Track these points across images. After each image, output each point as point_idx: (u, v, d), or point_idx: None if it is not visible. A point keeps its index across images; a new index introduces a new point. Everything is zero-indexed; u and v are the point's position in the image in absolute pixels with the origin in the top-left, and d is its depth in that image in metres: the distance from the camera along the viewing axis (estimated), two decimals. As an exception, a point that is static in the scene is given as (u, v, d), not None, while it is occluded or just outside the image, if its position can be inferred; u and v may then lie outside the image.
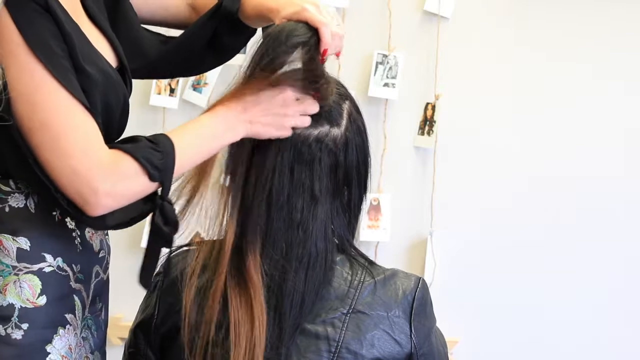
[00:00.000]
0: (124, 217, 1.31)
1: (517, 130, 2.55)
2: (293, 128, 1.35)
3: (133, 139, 1.29)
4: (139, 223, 1.36)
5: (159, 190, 1.30)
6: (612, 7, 2.51)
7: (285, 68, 1.34)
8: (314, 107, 1.36)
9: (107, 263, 1.46)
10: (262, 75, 1.33)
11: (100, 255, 1.42)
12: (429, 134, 2.55)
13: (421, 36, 2.57)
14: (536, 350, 2.56)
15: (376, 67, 2.55)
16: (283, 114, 1.34)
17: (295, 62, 1.34)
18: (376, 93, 2.55)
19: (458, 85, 2.56)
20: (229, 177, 1.39)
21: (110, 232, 1.46)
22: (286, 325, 1.32)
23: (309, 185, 1.36)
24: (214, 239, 1.41)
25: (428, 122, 2.55)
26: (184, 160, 1.31)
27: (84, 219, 1.28)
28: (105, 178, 1.24)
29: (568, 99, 2.54)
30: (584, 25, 2.52)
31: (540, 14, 2.53)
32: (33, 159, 1.24)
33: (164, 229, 1.31)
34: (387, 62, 2.55)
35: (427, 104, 2.56)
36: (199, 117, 1.35)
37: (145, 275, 1.36)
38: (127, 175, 1.26)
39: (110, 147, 1.27)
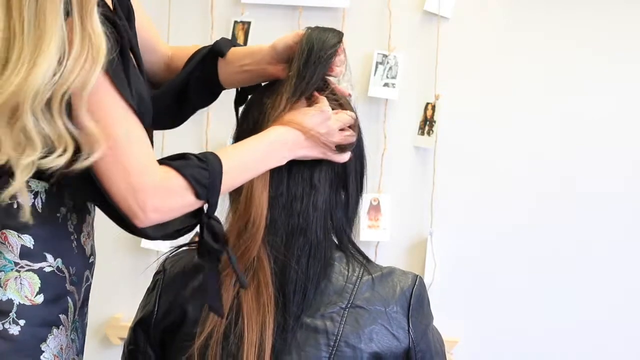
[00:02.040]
0: (169, 229, 1.33)
1: (517, 130, 2.55)
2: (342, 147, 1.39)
3: (183, 156, 1.31)
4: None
5: (205, 207, 1.32)
6: (612, 8, 2.51)
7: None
8: (348, 118, 1.41)
9: (94, 268, 1.47)
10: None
11: (90, 260, 1.44)
12: (429, 134, 2.56)
13: (421, 36, 2.57)
14: (536, 351, 2.56)
15: (376, 67, 2.55)
16: (327, 132, 1.38)
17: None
18: (376, 93, 2.55)
19: (458, 85, 2.56)
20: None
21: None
22: (289, 313, 1.33)
23: (308, 174, 1.38)
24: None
25: (428, 122, 2.56)
26: (230, 180, 1.33)
27: (132, 230, 1.30)
28: (155, 194, 1.26)
29: (568, 99, 2.54)
30: (585, 25, 2.52)
31: (540, 14, 2.53)
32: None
33: (214, 246, 1.33)
34: (387, 62, 2.55)
35: (427, 104, 2.56)
36: (249, 139, 1.36)
37: (213, 301, 1.34)
38: (175, 192, 1.28)
39: (160, 163, 1.29)
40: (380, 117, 2.57)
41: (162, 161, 1.30)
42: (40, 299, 1.32)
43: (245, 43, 2.59)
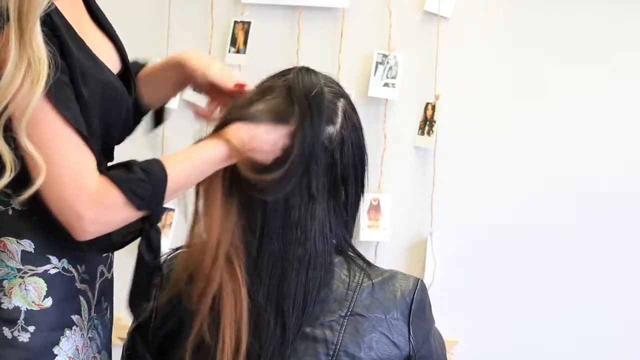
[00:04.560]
0: (115, 239, 1.32)
1: (517, 130, 2.55)
2: None
3: (127, 166, 1.30)
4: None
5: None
6: (611, 8, 2.50)
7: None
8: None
9: (111, 262, 1.46)
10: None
11: (104, 254, 1.42)
12: (429, 134, 2.55)
13: (421, 36, 2.57)
14: (536, 351, 2.56)
15: (376, 67, 2.55)
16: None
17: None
18: (376, 93, 2.55)
19: (458, 85, 2.56)
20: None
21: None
22: (289, 327, 1.32)
23: (305, 184, 1.35)
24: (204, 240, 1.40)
25: (428, 122, 2.55)
26: (177, 185, 1.31)
27: (78, 244, 1.29)
28: (90, 206, 1.25)
29: (568, 99, 2.53)
30: (584, 25, 2.52)
31: (540, 14, 2.53)
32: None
33: (145, 256, 1.33)
34: (387, 62, 2.55)
35: (427, 104, 2.56)
36: (199, 143, 1.35)
37: (133, 301, 1.37)
38: (113, 206, 1.26)
39: (102, 172, 1.28)
40: (380, 117, 2.57)
41: (103, 171, 1.29)
42: (48, 302, 1.31)
43: (245, 43, 2.59)
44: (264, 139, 1.34)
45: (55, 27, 1.25)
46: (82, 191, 1.24)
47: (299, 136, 1.33)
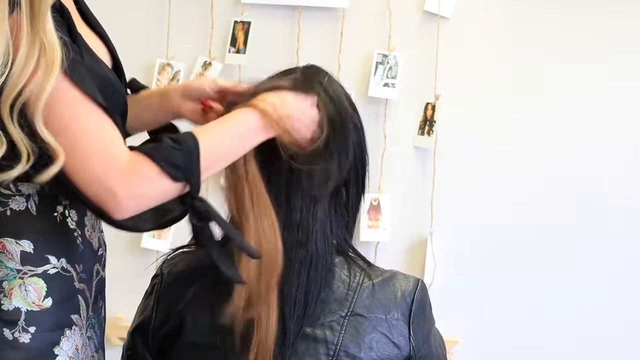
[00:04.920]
0: (160, 220, 1.30)
1: (517, 131, 2.55)
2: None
3: (155, 140, 1.27)
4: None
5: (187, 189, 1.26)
6: (611, 7, 2.50)
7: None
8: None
9: (105, 260, 1.46)
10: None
11: (99, 253, 1.42)
12: (429, 134, 2.55)
13: (421, 36, 2.57)
14: (536, 351, 2.56)
15: (376, 67, 2.55)
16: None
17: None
18: (376, 93, 2.55)
19: (458, 85, 2.56)
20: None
21: (107, 230, 1.45)
22: (290, 327, 1.31)
23: (307, 184, 1.35)
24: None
25: (428, 122, 2.55)
26: (213, 156, 1.27)
27: (115, 223, 1.26)
28: (123, 180, 1.21)
29: (568, 99, 2.53)
30: (584, 25, 2.52)
31: (540, 14, 2.53)
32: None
33: (197, 224, 1.29)
34: (387, 62, 2.55)
35: (427, 104, 2.56)
36: (229, 114, 1.33)
37: (227, 272, 1.31)
38: (147, 178, 1.22)
39: (131, 149, 1.25)
40: (380, 117, 2.57)
41: (133, 147, 1.26)
42: (48, 302, 1.31)
43: (245, 43, 2.59)
44: (294, 104, 1.33)
45: (64, 11, 1.25)
46: (111, 165, 1.21)
47: (324, 102, 1.34)
